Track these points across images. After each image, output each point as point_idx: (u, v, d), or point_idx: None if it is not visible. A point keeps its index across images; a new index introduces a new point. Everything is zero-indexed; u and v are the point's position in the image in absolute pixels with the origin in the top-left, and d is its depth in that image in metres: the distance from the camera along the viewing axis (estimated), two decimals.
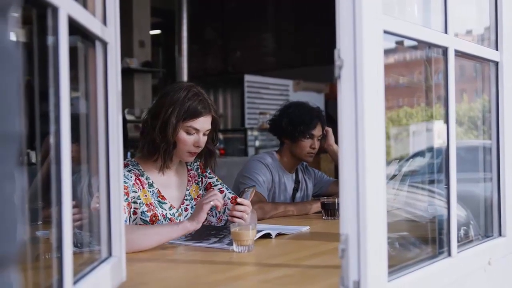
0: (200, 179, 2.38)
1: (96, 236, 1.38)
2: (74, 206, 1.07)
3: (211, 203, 1.97)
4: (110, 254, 1.35)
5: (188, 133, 2.17)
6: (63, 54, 1.00)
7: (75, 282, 1.07)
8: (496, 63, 1.77)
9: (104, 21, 1.33)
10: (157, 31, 10.26)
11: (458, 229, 1.57)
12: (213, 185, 2.38)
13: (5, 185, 0.53)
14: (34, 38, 1.05)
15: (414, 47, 1.69)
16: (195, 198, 2.33)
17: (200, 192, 2.36)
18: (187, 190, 2.32)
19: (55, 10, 0.99)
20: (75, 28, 1.10)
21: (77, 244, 1.33)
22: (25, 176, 0.58)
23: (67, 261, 1.00)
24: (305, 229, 2.32)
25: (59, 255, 1.01)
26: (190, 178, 2.35)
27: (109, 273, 1.28)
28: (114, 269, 1.32)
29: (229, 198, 2.34)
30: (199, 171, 2.39)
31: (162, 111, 2.14)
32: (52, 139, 1.00)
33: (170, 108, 2.13)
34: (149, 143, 2.18)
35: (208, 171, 2.42)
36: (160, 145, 2.15)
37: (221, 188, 2.37)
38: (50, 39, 1.01)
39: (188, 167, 2.37)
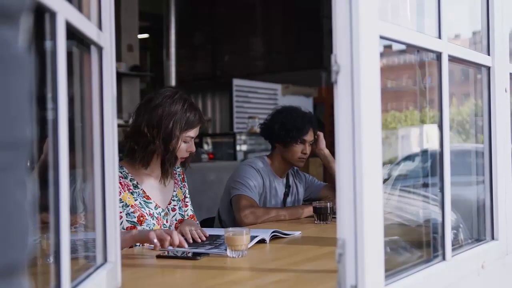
0: (182, 184, 2.47)
1: (91, 242, 1.37)
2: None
3: (155, 241, 1.89)
4: (105, 260, 1.34)
5: (185, 142, 2.26)
6: (61, 59, 1.00)
7: None
8: (488, 68, 1.79)
9: (100, 26, 1.33)
10: (145, 35, 10.24)
11: None
12: (186, 196, 2.47)
13: (17, 192, 0.53)
14: (31, 42, 1.04)
15: (402, 51, 1.70)
16: (181, 200, 2.41)
17: (183, 196, 2.44)
18: (174, 191, 2.39)
19: (53, 15, 0.98)
20: (71, 32, 1.09)
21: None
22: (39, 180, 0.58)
23: (65, 267, 0.99)
24: (297, 233, 2.32)
25: (54, 261, 1.00)
26: (176, 180, 2.43)
27: (105, 279, 1.28)
28: (109, 275, 1.32)
29: (188, 215, 2.42)
30: (180, 178, 2.47)
31: (162, 123, 2.19)
32: (49, 144, 0.99)
33: (172, 121, 2.19)
34: (150, 154, 2.22)
35: (185, 182, 2.50)
36: (164, 157, 2.22)
37: (188, 202, 2.47)
38: (47, 44, 1.00)
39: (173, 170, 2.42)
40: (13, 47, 0.53)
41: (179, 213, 2.36)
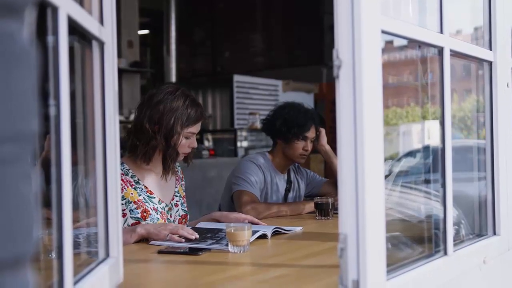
0: (183, 182, 2.49)
1: (92, 237, 1.37)
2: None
3: (167, 237, 2.00)
4: (107, 255, 1.34)
5: (187, 137, 2.26)
6: (63, 54, 1.00)
7: (74, 283, 1.06)
8: (490, 63, 1.79)
9: (101, 21, 1.33)
10: (145, 31, 10.23)
11: None
12: (183, 193, 2.48)
13: (22, 185, 0.53)
14: (33, 38, 1.03)
15: (403, 47, 1.70)
16: (182, 196, 2.43)
17: (184, 193, 2.46)
18: (176, 187, 2.41)
19: (55, 9, 0.98)
20: (72, 27, 1.09)
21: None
22: (40, 176, 0.58)
23: (68, 262, 0.99)
24: (298, 229, 2.33)
25: (56, 256, 1.00)
26: (177, 177, 2.44)
27: (107, 274, 1.28)
28: (112, 270, 1.32)
29: (179, 216, 2.40)
30: (181, 176, 2.48)
31: (163, 119, 2.20)
32: (52, 140, 0.99)
33: (173, 117, 2.20)
34: (151, 150, 2.23)
35: (183, 181, 2.52)
36: (165, 152, 2.23)
37: (184, 202, 2.46)
38: (49, 39, 1.00)
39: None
40: (18, 41, 0.53)
41: (181, 209, 2.38)
